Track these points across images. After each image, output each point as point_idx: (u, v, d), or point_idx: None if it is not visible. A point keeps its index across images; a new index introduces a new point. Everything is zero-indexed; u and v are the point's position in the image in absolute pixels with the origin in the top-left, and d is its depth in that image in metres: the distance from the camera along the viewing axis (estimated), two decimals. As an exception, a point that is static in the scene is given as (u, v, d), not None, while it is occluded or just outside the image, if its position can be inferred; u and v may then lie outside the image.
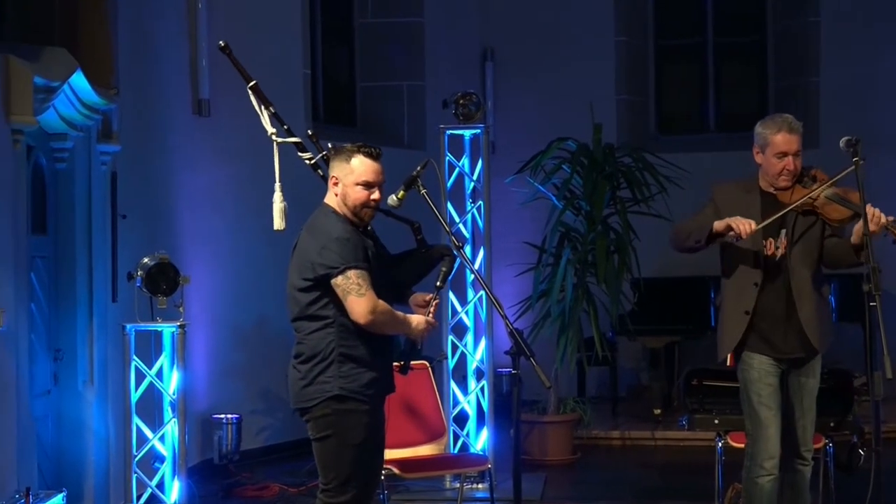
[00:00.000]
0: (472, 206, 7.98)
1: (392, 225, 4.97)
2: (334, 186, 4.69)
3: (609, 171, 9.01)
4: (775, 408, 5.19)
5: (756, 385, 5.20)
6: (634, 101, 11.97)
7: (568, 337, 8.73)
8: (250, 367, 9.16)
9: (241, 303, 9.15)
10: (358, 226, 4.69)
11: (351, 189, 4.65)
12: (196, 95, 8.85)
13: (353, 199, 4.65)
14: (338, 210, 4.67)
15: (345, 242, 4.53)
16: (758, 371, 5.21)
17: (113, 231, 7.16)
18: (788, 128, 5.18)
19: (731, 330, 5.22)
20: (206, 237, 8.88)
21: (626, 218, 8.92)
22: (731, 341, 5.21)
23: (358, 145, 4.70)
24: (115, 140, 7.06)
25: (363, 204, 4.65)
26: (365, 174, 4.65)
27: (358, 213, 4.67)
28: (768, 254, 5.19)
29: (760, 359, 5.22)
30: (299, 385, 4.64)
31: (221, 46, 5.27)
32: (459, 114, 7.86)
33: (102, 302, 6.95)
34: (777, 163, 5.18)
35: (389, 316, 4.59)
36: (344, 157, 4.68)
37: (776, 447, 5.16)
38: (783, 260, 5.18)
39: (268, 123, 5.19)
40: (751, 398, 5.22)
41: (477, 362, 7.94)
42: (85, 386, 6.84)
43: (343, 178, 4.66)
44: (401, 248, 4.93)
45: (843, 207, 5.09)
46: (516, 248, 9.63)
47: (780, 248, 5.19)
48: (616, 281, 8.77)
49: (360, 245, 4.59)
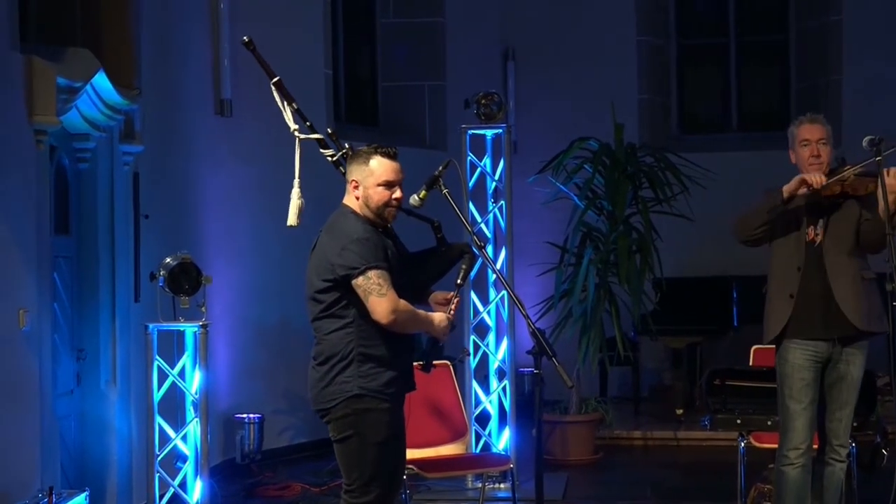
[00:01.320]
0: (494, 206, 7.96)
1: (411, 224, 4.96)
2: (354, 189, 4.68)
3: (631, 171, 8.98)
4: (806, 402, 5.35)
5: (789, 379, 5.38)
6: (656, 100, 11.93)
7: (590, 337, 8.71)
8: (272, 366, 9.17)
9: (263, 302, 9.15)
10: (379, 226, 4.68)
11: (373, 190, 4.64)
12: (218, 95, 8.86)
13: (377, 200, 4.64)
14: (358, 211, 4.67)
15: (364, 243, 4.53)
16: (791, 365, 5.39)
17: (135, 231, 7.17)
18: (808, 119, 5.44)
19: (777, 312, 5.40)
20: (229, 237, 8.89)
21: (649, 217, 8.89)
22: (776, 324, 5.39)
23: (374, 147, 4.70)
24: (138, 140, 7.07)
25: (386, 203, 4.65)
26: (385, 174, 4.65)
27: (381, 214, 4.66)
28: (809, 239, 5.39)
29: (797, 353, 5.37)
30: (319, 386, 4.63)
31: (245, 42, 5.27)
32: (481, 113, 7.84)
33: (125, 302, 6.96)
34: (803, 152, 5.39)
35: (411, 315, 4.58)
36: (361, 159, 4.68)
37: (802, 437, 5.33)
38: (822, 245, 5.39)
39: (290, 119, 5.18)
40: (783, 391, 5.40)
41: (499, 362, 7.92)
42: (107, 385, 6.85)
43: (363, 181, 4.66)
44: (420, 246, 4.92)
45: (868, 181, 5.30)
46: (538, 248, 9.61)
47: (820, 234, 5.39)
48: (638, 281, 8.74)
49: (380, 245, 4.58)
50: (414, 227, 5.01)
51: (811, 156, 5.37)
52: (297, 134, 5.17)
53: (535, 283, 9.41)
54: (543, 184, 9.03)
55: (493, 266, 4.75)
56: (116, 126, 6.87)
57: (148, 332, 6.28)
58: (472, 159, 7.95)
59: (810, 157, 5.36)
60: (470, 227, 4.90)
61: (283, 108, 5.19)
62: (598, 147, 9.00)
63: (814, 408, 5.37)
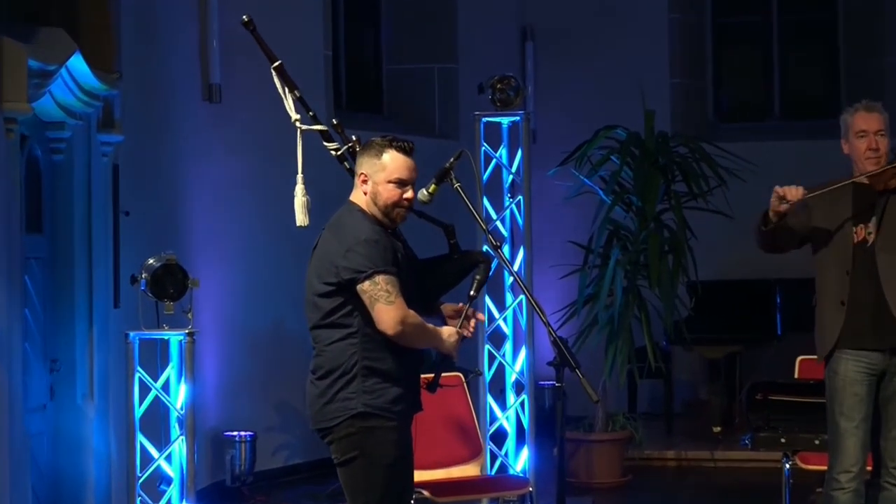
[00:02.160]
0: (511, 202, 7.95)
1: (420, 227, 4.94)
2: (363, 184, 4.67)
3: (663, 163, 8.97)
4: (857, 419, 5.29)
5: (839, 394, 5.32)
6: (690, 84, 11.91)
7: (617, 346, 8.69)
8: (266, 379, 9.17)
9: (256, 308, 9.16)
10: (387, 227, 4.67)
11: (382, 187, 4.63)
12: (206, 80, 8.86)
13: (385, 197, 4.63)
14: (365, 209, 4.65)
15: (373, 245, 4.51)
16: (843, 379, 5.33)
17: (115, 229, 7.17)
18: (865, 107, 5.40)
19: (830, 324, 5.35)
20: (218, 236, 8.89)
21: (682, 214, 8.88)
22: (831, 336, 5.33)
23: (389, 139, 4.68)
24: (118, 129, 7.07)
25: (395, 203, 4.63)
26: (397, 171, 4.63)
27: (389, 214, 4.65)
28: (858, 240, 5.34)
29: (848, 364, 5.31)
30: (319, 403, 4.62)
31: (245, 22, 5.26)
32: (496, 99, 7.83)
33: (103, 308, 6.96)
34: (860, 143, 5.35)
35: (420, 327, 4.57)
36: (374, 151, 4.66)
37: (854, 459, 5.27)
38: (874, 245, 5.33)
39: (292, 108, 5.17)
40: (833, 407, 5.34)
41: (516, 374, 7.91)
42: (84, 400, 6.85)
43: (373, 176, 4.64)
44: (429, 252, 4.90)
45: None
46: (560, 248, 9.59)
47: (872, 233, 5.33)
48: (670, 284, 8.73)
49: (390, 248, 4.57)
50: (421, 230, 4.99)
51: (868, 149, 5.32)
52: (298, 125, 5.16)
53: (556, 287, 9.40)
54: (565, 177, 9.01)
55: (510, 268, 4.74)
56: (94, 113, 6.87)
57: (129, 340, 6.28)
58: (486, 150, 7.94)
59: (867, 151, 5.32)
60: (484, 225, 4.88)
61: (285, 95, 5.19)
62: (627, 136, 8.99)
63: (867, 425, 5.30)
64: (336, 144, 5.19)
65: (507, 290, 8.04)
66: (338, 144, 5.18)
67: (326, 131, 5.24)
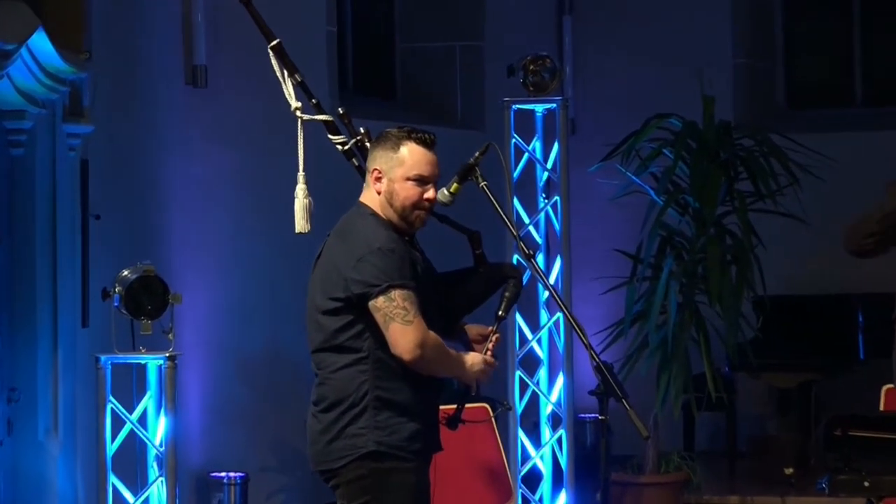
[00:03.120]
0: (546, 203, 7.95)
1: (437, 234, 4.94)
2: (376, 182, 4.68)
3: (724, 157, 8.95)
4: None
5: None
6: (757, 65, 11.89)
7: (671, 373, 8.68)
8: (260, 411, 9.18)
9: (248, 328, 9.17)
10: (404, 233, 4.67)
11: (399, 185, 4.64)
12: (190, 61, 8.88)
13: (403, 198, 4.64)
14: (379, 212, 4.66)
15: (388, 254, 4.52)
16: None
17: (83, 235, 7.19)
18: None
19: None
20: (204, 243, 8.91)
21: (747, 218, 8.86)
22: None
23: (407, 130, 4.69)
24: (87, 119, 7.09)
25: (415, 204, 4.64)
26: (417, 166, 4.64)
27: (407, 217, 4.66)
28: None
29: None
30: (322, 440, 4.62)
31: None
32: (529, 83, 7.83)
33: (69, 327, 6.97)
34: None
35: (441, 352, 4.57)
36: (389, 144, 4.67)
37: None
38: None
39: (291, 95, 5.19)
40: None
41: (552, 405, 7.90)
42: (47, 435, 6.86)
43: (388, 172, 4.65)
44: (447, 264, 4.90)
45: None
46: (603, 258, 9.58)
47: None
48: (734, 300, 8.71)
49: (407, 258, 4.57)
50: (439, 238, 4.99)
51: None
52: (299, 114, 5.18)
53: (599, 303, 9.38)
54: (610, 174, 9.00)
55: (545, 281, 4.75)
56: (59, 100, 6.89)
57: (99, 365, 6.29)
58: (517, 142, 7.94)
59: None
60: (515, 230, 4.89)
61: (283, 79, 5.20)
62: (682, 126, 8.97)
63: None
64: (343, 137, 5.20)
65: (542, 306, 8.04)
66: (345, 137, 5.19)
67: (332, 122, 5.25)
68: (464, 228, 4.88)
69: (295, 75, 5.22)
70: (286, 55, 5.23)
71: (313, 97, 5.26)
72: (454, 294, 4.82)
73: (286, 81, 5.21)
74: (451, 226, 4.89)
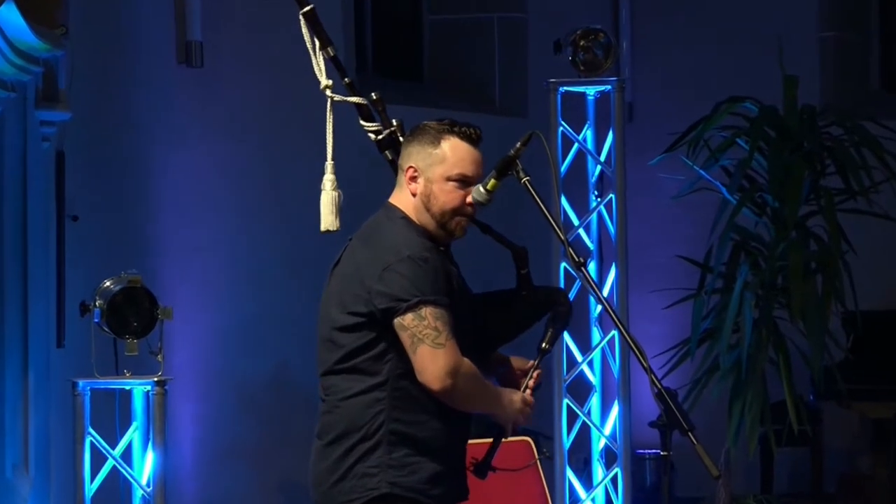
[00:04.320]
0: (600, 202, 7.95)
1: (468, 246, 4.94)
2: (411, 182, 4.68)
3: (809, 148, 8.94)
4: None
5: None
6: (848, 40, 11.87)
7: (746, 401, 8.67)
8: (262, 443, 9.20)
9: (249, 349, 9.19)
10: (440, 242, 4.68)
11: (439, 186, 4.64)
12: (183, 37, 8.91)
13: (443, 201, 4.64)
14: (412, 216, 4.67)
15: (420, 264, 4.51)
16: None
17: (59, 240, 7.22)
18: None
19: None
20: (199, 249, 8.93)
21: (836, 219, 8.84)
22: None
23: (448, 123, 4.69)
24: (63, 104, 7.11)
25: (455, 209, 4.64)
26: (460, 164, 4.65)
27: (446, 224, 4.66)
28: None
29: None
30: (329, 479, 4.62)
31: None
32: (580, 61, 7.84)
33: (42, 347, 6.99)
34: None
35: (476, 383, 4.56)
36: (428, 139, 4.68)
37: None
38: None
39: (322, 71, 5.20)
40: None
41: (606, 439, 7.90)
42: (16, 472, 6.89)
43: (426, 170, 4.66)
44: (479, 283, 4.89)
45: None
46: (666, 266, 9.58)
47: None
48: (820, 316, 8.69)
49: (442, 271, 4.56)
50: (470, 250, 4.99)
51: None
52: (329, 94, 5.20)
53: (661, 320, 9.38)
54: (674, 167, 9.00)
55: (598, 294, 4.75)
56: (32, 82, 6.92)
57: (77, 391, 6.32)
58: (565, 131, 7.95)
59: None
60: (562, 234, 4.89)
61: (314, 53, 5.23)
62: (759, 112, 8.96)
63: None
64: (377, 125, 5.20)
65: (594, 323, 8.04)
66: (379, 125, 5.20)
67: (365, 106, 5.26)
68: (509, 243, 4.85)
69: (328, 48, 5.25)
70: (320, 24, 5.25)
71: (346, 76, 5.28)
72: (492, 319, 4.82)
73: (318, 56, 5.24)
74: (494, 238, 4.87)
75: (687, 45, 11.46)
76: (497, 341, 4.85)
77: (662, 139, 9.11)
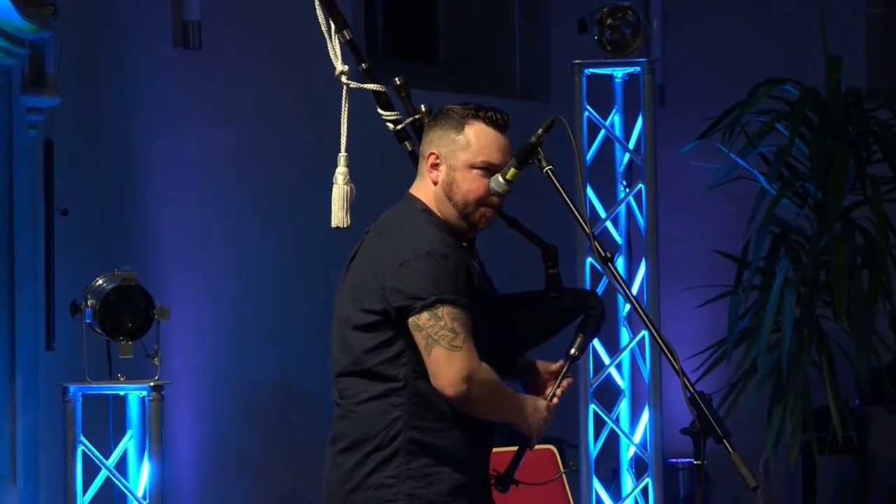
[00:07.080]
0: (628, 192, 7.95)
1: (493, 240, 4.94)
2: (432, 170, 4.68)
3: (854, 134, 8.93)
4: None
5: None
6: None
7: (786, 407, 8.66)
8: (266, 453, 9.22)
9: (252, 352, 9.20)
10: (463, 235, 4.69)
11: (462, 174, 4.64)
12: (179, 17, 8.92)
13: (465, 190, 4.64)
14: (433, 208, 4.67)
15: (440, 260, 4.52)
16: None
17: (48, 235, 7.23)
18: None
19: None
20: (197, 244, 8.94)
21: (883, 211, 8.83)
22: None
23: (473, 107, 4.69)
24: (52, 89, 7.13)
25: (479, 199, 4.64)
26: (485, 151, 4.64)
27: (469, 215, 4.66)
28: None
29: None
30: (341, 490, 4.63)
31: None
32: (606, 41, 7.85)
33: (30, 349, 7.01)
34: None
35: (494, 390, 4.56)
36: (451, 124, 4.68)
37: None
38: None
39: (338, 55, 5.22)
40: None
41: (636, 448, 7.91)
42: (4, 483, 6.91)
43: (449, 157, 4.66)
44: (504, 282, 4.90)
45: None
46: (700, 261, 9.58)
47: None
48: (866, 315, 8.69)
49: (463, 268, 4.56)
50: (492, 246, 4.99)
51: None
52: (345, 80, 5.20)
53: (695, 319, 9.39)
54: (708, 155, 9.00)
55: (627, 291, 4.75)
56: (17, 66, 6.94)
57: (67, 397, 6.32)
58: (591, 116, 7.95)
59: None
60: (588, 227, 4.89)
61: (330, 36, 5.24)
62: (800, 95, 8.96)
63: None
64: (396, 114, 5.21)
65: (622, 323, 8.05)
66: (398, 114, 5.20)
67: (384, 93, 5.27)
68: (538, 239, 4.85)
69: (344, 31, 5.25)
70: (335, 5, 5.26)
71: (364, 61, 5.29)
72: (517, 322, 4.82)
73: (334, 39, 5.25)
74: (521, 233, 4.87)
75: (722, 23, 11.44)
76: (522, 346, 4.85)
77: (696, 125, 9.11)
